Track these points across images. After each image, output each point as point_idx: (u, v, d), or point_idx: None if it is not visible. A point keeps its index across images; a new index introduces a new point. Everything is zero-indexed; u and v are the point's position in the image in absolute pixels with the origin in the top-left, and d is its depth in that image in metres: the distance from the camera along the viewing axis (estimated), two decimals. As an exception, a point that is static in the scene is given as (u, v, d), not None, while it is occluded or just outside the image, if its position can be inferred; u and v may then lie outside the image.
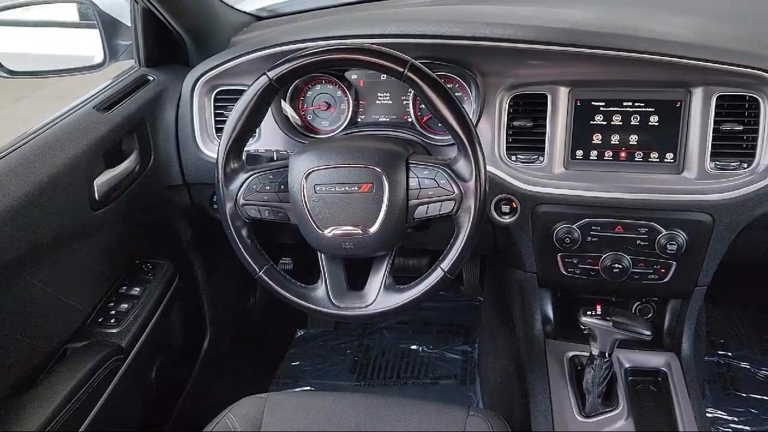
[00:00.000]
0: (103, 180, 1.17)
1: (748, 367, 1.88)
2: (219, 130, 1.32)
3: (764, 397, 1.77)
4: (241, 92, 1.02)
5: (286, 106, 1.29)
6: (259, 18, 1.62)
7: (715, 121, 1.10)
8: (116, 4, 1.39)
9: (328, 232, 1.00)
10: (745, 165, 1.10)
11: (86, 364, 1.07)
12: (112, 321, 1.19)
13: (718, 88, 1.10)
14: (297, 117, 1.31)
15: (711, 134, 1.11)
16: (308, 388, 1.93)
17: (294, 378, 1.97)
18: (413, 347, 2.05)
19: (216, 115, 1.31)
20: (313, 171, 1.00)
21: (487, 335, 1.81)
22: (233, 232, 1.05)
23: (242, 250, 1.06)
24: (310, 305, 1.06)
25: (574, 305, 1.17)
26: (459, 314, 2.17)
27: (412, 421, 1.07)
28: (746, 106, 1.10)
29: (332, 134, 1.28)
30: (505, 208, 1.21)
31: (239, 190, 1.04)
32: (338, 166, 0.99)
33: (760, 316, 2.06)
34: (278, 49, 1.21)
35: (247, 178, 1.04)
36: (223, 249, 1.15)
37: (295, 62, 0.97)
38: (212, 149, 1.31)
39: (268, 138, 1.28)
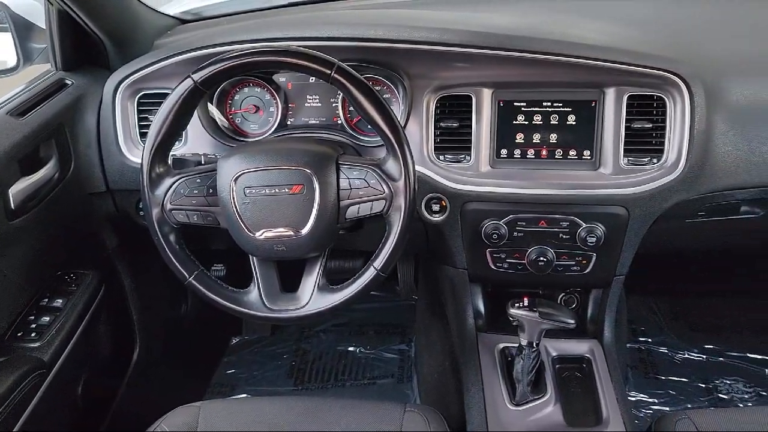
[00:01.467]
0: (19, 188, 1.12)
1: (666, 351, 2.00)
2: (143, 135, 1.28)
3: (681, 379, 1.88)
4: (165, 96, 1.01)
5: (213, 110, 1.27)
6: (183, 21, 1.59)
7: (626, 119, 1.17)
8: (30, 6, 1.33)
9: (260, 234, 1.00)
10: (655, 160, 1.18)
11: (4, 381, 1.02)
12: (32, 335, 1.14)
13: (629, 89, 1.16)
14: (225, 120, 1.29)
15: (623, 132, 1.17)
16: (244, 395, 1.90)
17: (229, 386, 1.94)
18: (350, 349, 2.06)
19: (140, 119, 1.28)
20: (243, 174, 0.99)
21: (423, 333, 1.84)
22: (161, 238, 1.03)
23: (170, 256, 1.04)
24: (243, 309, 1.05)
25: (504, 299, 1.20)
26: (395, 314, 2.19)
27: (349, 420, 1.08)
28: (654, 105, 1.17)
29: (261, 137, 1.27)
30: (435, 207, 1.24)
31: (166, 195, 1.02)
32: (268, 168, 0.99)
33: (676, 303, 2.19)
34: (203, 51, 1.20)
35: (174, 183, 1.02)
36: (151, 256, 1.12)
37: (221, 64, 0.96)
38: (136, 154, 1.27)
39: (195, 142, 1.26)
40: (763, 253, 2.09)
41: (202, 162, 1.15)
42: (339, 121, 1.27)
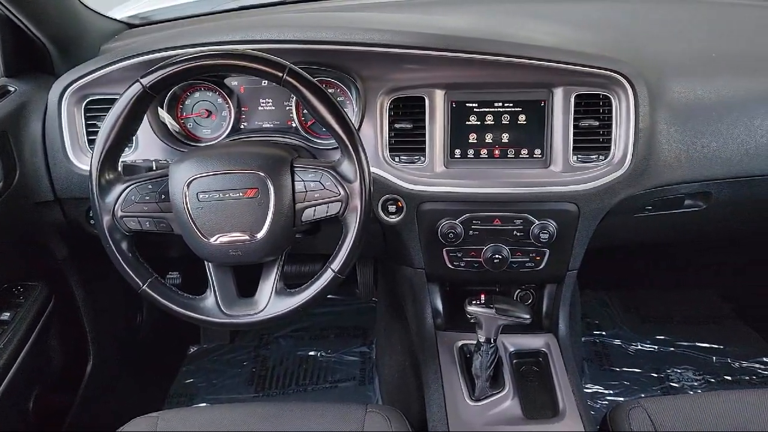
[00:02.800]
0: (-40, 199, 1.08)
1: (619, 343, 2.06)
2: (91, 142, 1.25)
3: (634, 370, 1.94)
4: (113, 101, 0.99)
5: (163, 115, 1.25)
6: (130, 25, 1.56)
7: (574, 118, 1.20)
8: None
9: (214, 240, 0.99)
10: (603, 158, 1.21)
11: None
12: (-22, 351, 1.10)
13: (576, 88, 1.19)
14: (176, 125, 1.27)
15: (572, 130, 1.20)
16: (204, 404, 1.87)
17: (188, 396, 1.90)
18: (311, 353, 2.05)
19: (87, 126, 1.25)
20: (195, 179, 0.98)
21: (383, 334, 1.84)
22: (112, 246, 1.01)
23: (123, 264, 1.02)
24: (200, 316, 1.04)
25: (462, 297, 1.22)
26: (355, 317, 2.20)
27: (310, 423, 1.08)
28: (600, 104, 1.20)
29: (214, 142, 1.26)
30: (392, 208, 1.25)
31: (116, 202, 1.00)
32: (221, 172, 0.98)
33: (628, 297, 2.25)
34: (152, 55, 1.18)
35: (125, 189, 1.00)
36: (104, 265, 1.10)
37: (170, 68, 0.95)
38: (85, 162, 1.24)
39: (146, 148, 1.24)
40: (707, 245, 2.18)
41: (154, 168, 1.14)
42: (293, 125, 1.27)
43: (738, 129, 1.22)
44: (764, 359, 1.95)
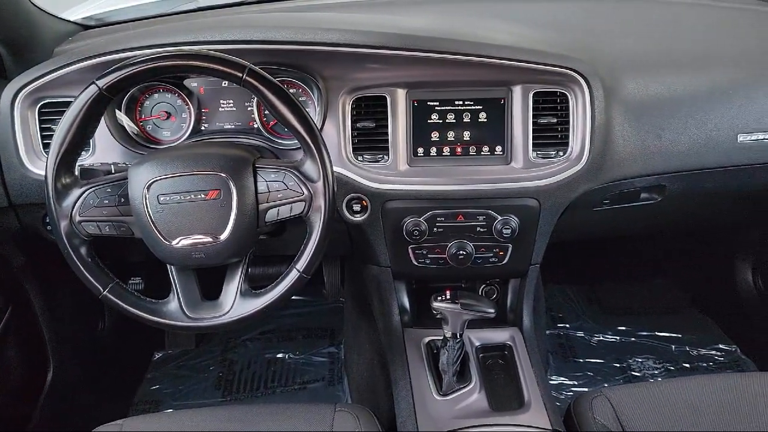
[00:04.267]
0: None
1: (583, 335, 2.10)
2: (46, 146, 1.22)
3: (597, 360, 1.99)
4: (68, 104, 0.97)
5: (121, 117, 1.23)
6: (86, 27, 1.53)
7: (533, 115, 1.22)
8: None
9: (176, 242, 0.98)
10: (561, 153, 1.24)
11: None
12: (-69, 364, 1.06)
13: (534, 86, 1.22)
14: (135, 128, 1.25)
15: (531, 127, 1.23)
16: (170, 411, 1.84)
17: (154, 403, 1.87)
18: (279, 355, 2.04)
19: (42, 129, 1.22)
20: (155, 181, 0.96)
21: (351, 333, 1.85)
22: (71, 252, 0.99)
23: (82, 269, 1.00)
24: (163, 320, 1.02)
25: (428, 294, 1.23)
26: (323, 317, 2.19)
27: (279, 424, 1.07)
28: (558, 101, 1.23)
29: (175, 144, 1.24)
30: (356, 207, 1.25)
31: (74, 207, 0.98)
32: (181, 174, 0.97)
33: (590, 289, 2.31)
34: (108, 57, 1.15)
35: (83, 193, 0.98)
36: (63, 272, 1.07)
37: (127, 70, 0.93)
38: (40, 166, 1.20)
39: (104, 151, 1.21)
40: (664, 238, 2.24)
41: (113, 171, 1.11)
42: (255, 125, 1.26)
43: (689, 124, 1.27)
44: (720, 346, 2.02)
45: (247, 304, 1.03)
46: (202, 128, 1.27)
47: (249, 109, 1.26)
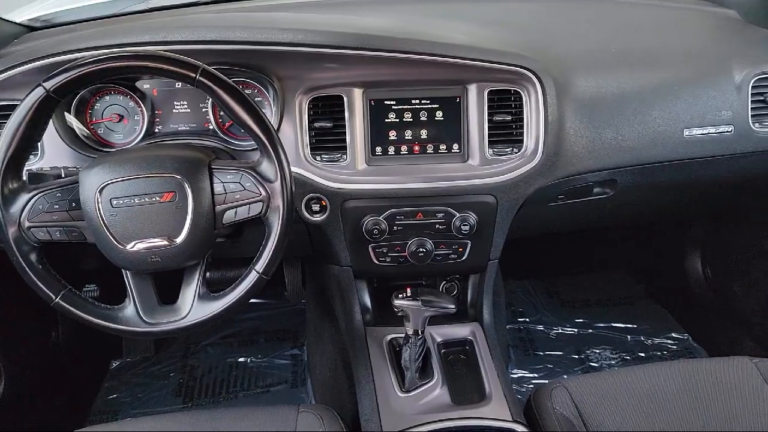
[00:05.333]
0: None
1: (542, 329, 2.15)
2: (-7, 151, 1.18)
3: (556, 352, 2.03)
4: (14, 107, 0.94)
5: (71, 120, 1.20)
6: (32, 29, 1.48)
7: (488, 113, 1.24)
8: None
9: (131, 246, 0.96)
10: (516, 150, 1.26)
11: None
12: None
13: (489, 84, 1.24)
14: (85, 130, 1.22)
15: (486, 125, 1.25)
16: (129, 420, 1.80)
17: (112, 412, 1.83)
18: (241, 359, 2.02)
19: None
20: (108, 184, 0.94)
21: (314, 334, 1.84)
22: (20, 259, 0.96)
23: (33, 277, 0.97)
24: (119, 326, 1.00)
25: (389, 292, 1.24)
26: (285, 320, 2.18)
27: (242, 427, 1.06)
28: (512, 99, 1.25)
29: (128, 147, 1.22)
30: (315, 207, 1.25)
31: (22, 212, 0.95)
32: (135, 177, 0.95)
33: (548, 283, 2.35)
34: (56, 58, 1.12)
35: (31, 199, 0.96)
36: (12, 280, 1.04)
37: (75, 71, 0.91)
38: (-14, 172, 1.16)
39: (53, 155, 1.18)
40: (618, 231, 2.31)
41: (63, 175, 1.08)
42: (210, 127, 1.25)
43: (637, 119, 1.31)
44: (673, 335, 2.09)
45: (206, 308, 1.02)
46: (156, 130, 1.25)
47: (204, 110, 1.24)
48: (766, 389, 1.11)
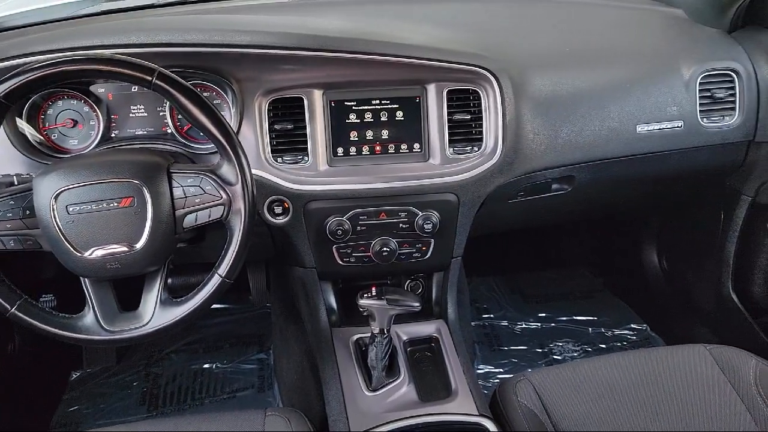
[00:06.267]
0: None
1: (506, 324, 2.18)
2: (-61, 159, 1.14)
3: (521, 347, 2.06)
4: None
5: (23, 125, 1.17)
6: (-20, 33, 1.43)
7: (448, 112, 1.26)
8: None
9: (89, 254, 0.94)
10: (476, 149, 1.28)
11: None
12: None
13: (447, 84, 1.26)
14: (38, 136, 1.19)
15: (446, 124, 1.26)
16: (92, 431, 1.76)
17: (73, 425, 1.78)
18: (206, 366, 1.99)
19: None
20: (63, 191, 0.93)
21: (279, 338, 1.83)
22: (-29, 269, 0.93)
23: None
24: (78, 335, 0.98)
25: (355, 292, 1.24)
26: (251, 324, 2.16)
27: (208, 433, 1.05)
28: (471, 98, 1.27)
29: (84, 152, 1.19)
30: (278, 209, 1.25)
31: None
32: (91, 182, 0.93)
33: (511, 279, 2.39)
34: (6, 63, 1.09)
35: None
36: None
37: (25, 76, 0.89)
38: (-66, 180, 1.13)
39: (5, 162, 1.15)
40: (577, 227, 2.36)
41: (15, 183, 1.05)
42: (169, 131, 1.23)
43: (592, 116, 1.34)
44: (632, 326, 2.14)
45: (168, 313, 1.00)
46: (112, 135, 1.22)
47: (161, 114, 1.23)
48: (719, 374, 1.16)
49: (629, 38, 1.53)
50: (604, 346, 2.06)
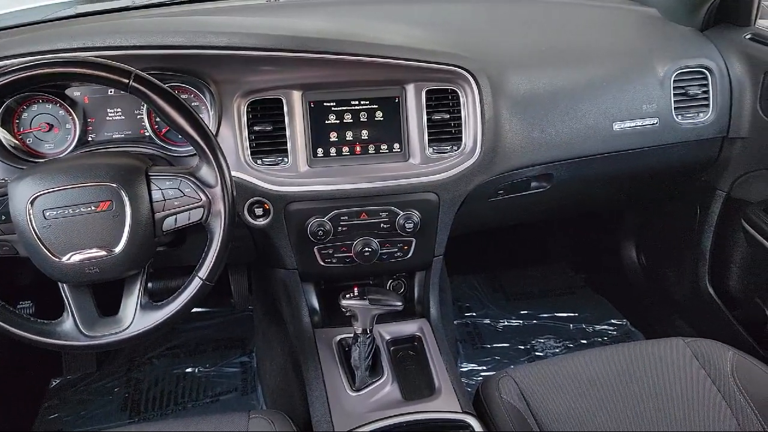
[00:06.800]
0: None
1: (489, 322, 2.19)
2: None
3: (503, 345, 2.08)
4: None
5: (-3, 130, 1.15)
6: (-50, 36, 1.41)
7: (427, 112, 1.27)
8: None
9: (67, 259, 0.93)
10: (456, 148, 1.29)
11: None
12: None
13: (426, 84, 1.26)
14: (13, 141, 1.17)
15: (426, 124, 1.27)
16: (73, 439, 1.74)
17: (55, 432, 1.76)
18: (188, 370, 1.97)
19: None
20: (39, 195, 0.91)
21: (262, 340, 1.82)
22: (-53, 277, 0.92)
23: None
24: (57, 341, 0.97)
25: (337, 293, 1.24)
26: (233, 327, 2.14)
27: (191, 437, 1.05)
28: (449, 97, 1.28)
29: (59, 157, 1.18)
30: (258, 211, 1.24)
31: None
32: (68, 187, 0.92)
33: (493, 278, 2.41)
34: None
35: None
36: None
37: (0, 79, 0.88)
38: None
39: None
40: (558, 224, 2.38)
41: (-10, 188, 1.04)
42: (146, 134, 1.22)
43: (569, 115, 1.36)
44: (613, 321, 2.17)
45: (149, 317, 1.00)
46: (89, 139, 1.21)
47: (139, 117, 1.22)
48: (697, 366, 1.18)
49: (605, 37, 1.55)
50: (585, 341, 2.09)
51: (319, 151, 1.26)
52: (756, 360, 1.18)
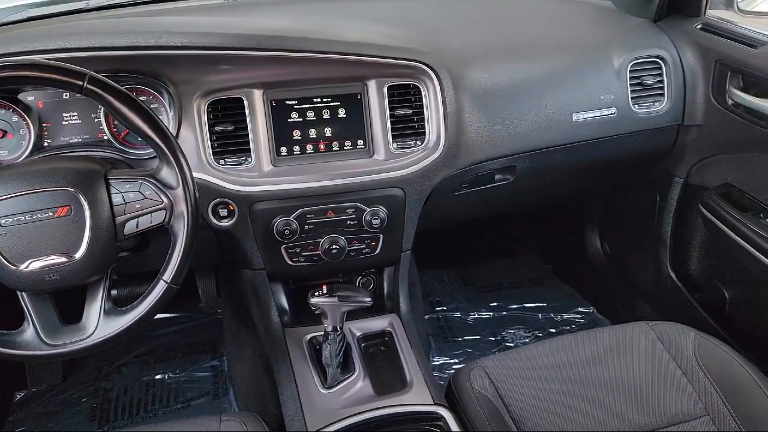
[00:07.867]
0: None
1: (459, 315, 2.21)
2: None
3: (474, 337, 2.10)
4: None
5: (-54, 137, 1.11)
6: None
7: (389, 107, 1.27)
8: None
9: (26, 266, 0.91)
10: (419, 143, 1.30)
11: None
12: None
13: (388, 80, 1.27)
14: (-36, 148, 1.14)
15: (389, 119, 1.27)
16: (41, 452, 1.70)
17: (19, 448, 1.72)
18: (158, 377, 1.94)
19: None
20: None
21: (232, 343, 1.81)
22: None
23: None
24: (17, 351, 0.94)
25: (306, 292, 1.24)
26: (202, 331, 2.12)
27: (162, 443, 1.03)
28: (411, 93, 1.28)
29: (14, 162, 1.15)
30: (223, 212, 1.23)
31: None
32: (24, 193, 0.90)
33: (462, 271, 2.43)
34: None
35: None
36: None
37: None
38: None
39: None
40: (524, 216, 2.42)
41: (-59, 197, 1.01)
42: (105, 137, 1.20)
43: (529, 107, 1.38)
44: (580, 309, 2.20)
45: (113, 323, 0.98)
46: (45, 144, 1.18)
47: (96, 120, 1.19)
48: (660, 348, 1.21)
49: (562, 30, 1.58)
50: (554, 330, 2.12)
51: (283, 149, 1.25)
52: (717, 341, 1.22)
